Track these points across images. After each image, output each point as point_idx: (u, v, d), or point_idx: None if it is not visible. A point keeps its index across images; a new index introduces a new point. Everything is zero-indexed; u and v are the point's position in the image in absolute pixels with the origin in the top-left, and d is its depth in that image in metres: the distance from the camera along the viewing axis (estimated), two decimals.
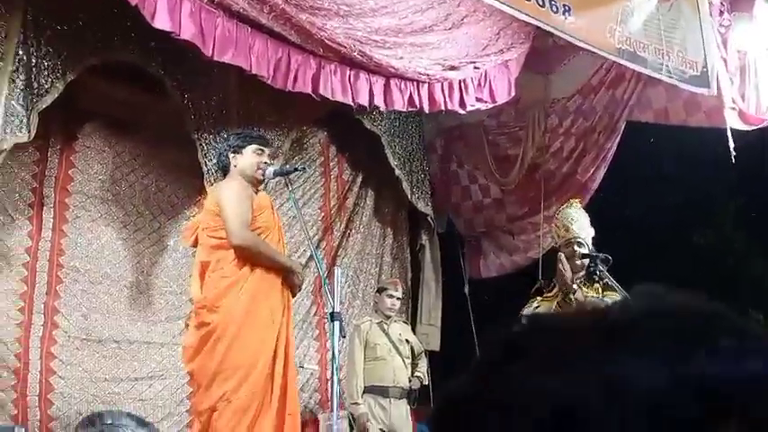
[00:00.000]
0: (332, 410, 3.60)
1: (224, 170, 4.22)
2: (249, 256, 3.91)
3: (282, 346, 3.86)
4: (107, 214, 5.91)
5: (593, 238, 5.15)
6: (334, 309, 3.75)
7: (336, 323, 3.69)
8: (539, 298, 5.01)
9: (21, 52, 4.84)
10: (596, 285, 5.01)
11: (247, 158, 4.11)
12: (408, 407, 5.85)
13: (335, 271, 4.23)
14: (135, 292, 5.93)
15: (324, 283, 4.14)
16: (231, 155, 4.13)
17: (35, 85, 4.96)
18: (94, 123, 5.92)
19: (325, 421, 3.68)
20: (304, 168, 4.71)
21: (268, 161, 4.21)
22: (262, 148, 4.18)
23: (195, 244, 4.26)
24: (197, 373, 3.74)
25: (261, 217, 4.02)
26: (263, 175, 4.13)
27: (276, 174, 4.24)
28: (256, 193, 4.15)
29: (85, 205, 5.82)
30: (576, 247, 5.01)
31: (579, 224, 5.12)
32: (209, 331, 3.78)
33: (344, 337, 3.98)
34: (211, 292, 3.85)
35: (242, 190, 3.98)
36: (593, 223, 5.20)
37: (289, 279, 4.03)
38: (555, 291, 4.94)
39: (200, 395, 3.70)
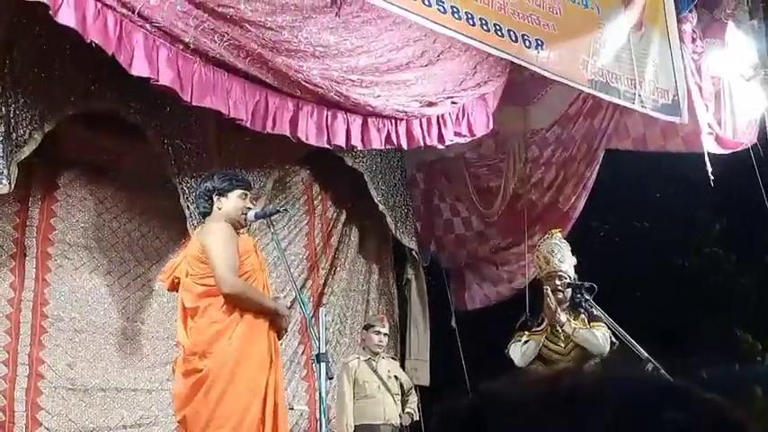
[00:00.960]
0: None
1: (205, 214, 4.19)
2: (239, 303, 3.89)
3: (272, 390, 3.84)
4: (90, 261, 5.88)
5: (576, 266, 5.19)
6: (319, 350, 3.74)
7: (323, 364, 3.67)
8: (527, 333, 5.02)
9: None
10: (582, 316, 5.04)
11: (232, 202, 4.09)
12: None
13: (320, 312, 4.22)
14: (121, 338, 5.88)
15: (309, 325, 4.12)
16: (216, 197, 4.10)
17: (14, 135, 4.96)
18: (75, 171, 5.91)
19: None
20: (286, 209, 4.70)
21: (250, 205, 4.21)
22: (245, 191, 4.19)
23: (172, 287, 4.23)
24: (189, 420, 3.70)
25: (247, 261, 4.01)
26: (246, 220, 4.13)
27: (258, 217, 4.23)
28: (238, 235, 4.15)
29: (68, 253, 5.79)
30: (557, 281, 5.04)
31: (560, 256, 5.15)
32: (200, 378, 3.75)
33: (331, 378, 3.96)
34: (200, 338, 3.82)
35: (228, 234, 3.97)
36: (576, 251, 5.24)
37: (276, 322, 4.01)
38: (543, 325, 4.96)
39: None
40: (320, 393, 3.69)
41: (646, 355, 4.65)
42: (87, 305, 5.79)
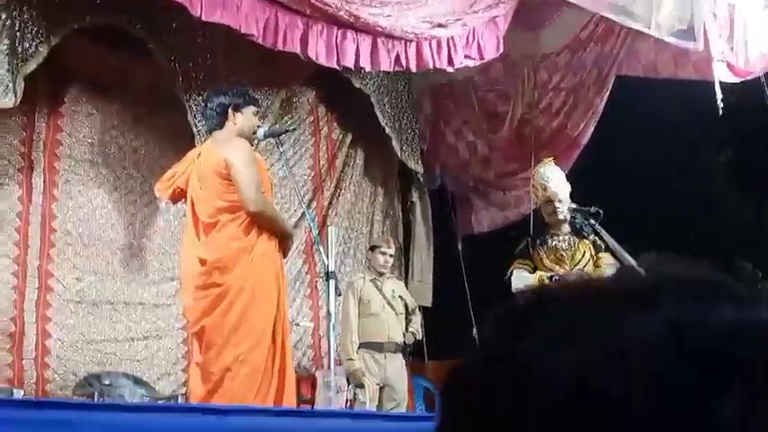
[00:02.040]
0: (329, 367, 3.66)
1: (214, 126, 4.11)
2: (261, 221, 3.91)
3: (282, 311, 3.91)
4: (97, 177, 5.91)
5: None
6: (328, 268, 3.79)
7: (332, 281, 3.73)
8: (528, 262, 5.06)
9: (4, 16, 4.80)
10: (586, 242, 5.07)
11: (247, 118, 4.05)
12: (403, 361, 5.94)
13: (329, 230, 4.26)
14: (128, 254, 5.96)
15: (316, 243, 4.16)
16: (231, 112, 4.04)
17: (19, 49, 4.92)
18: (81, 86, 5.89)
19: (322, 377, 3.73)
20: (294, 128, 4.67)
21: (260, 123, 4.19)
22: (258, 109, 4.17)
23: (173, 197, 4.22)
24: (208, 333, 3.74)
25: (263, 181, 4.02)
26: (256, 137, 4.11)
27: (266, 135, 4.22)
28: None
29: (75, 169, 5.82)
30: (557, 204, 5.06)
31: (555, 182, 5.17)
32: (221, 293, 3.78)
33: (339, 295, 4.02)
34: (221, 254, 3.84)
35: (251, 152, 3.95)
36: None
37: (284, 243, 4.05)
38: (544, 255, 5.01)
39: (213, 355, 3.71)
40: (329, 310, 3.76)
41: None
42: (94, 220, 5.84)
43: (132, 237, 5.99)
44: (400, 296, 6.05)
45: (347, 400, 3.64)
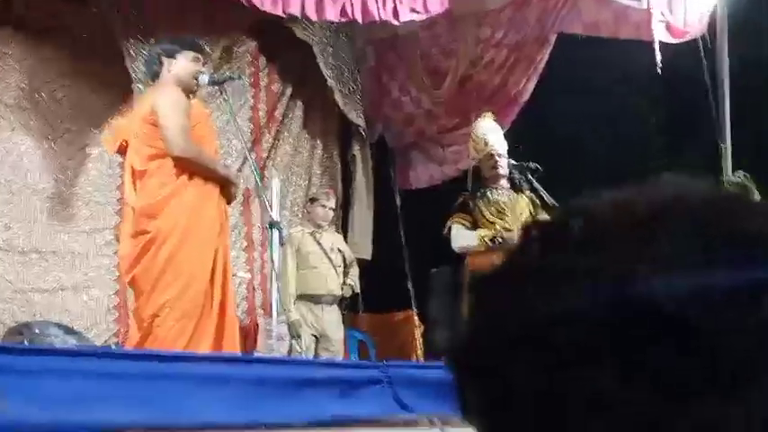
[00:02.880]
0: (271, 316, 3.65)
1: (154, 76, 4.06)
2: (189, 167, 3.84)
3: (221, 255, 3.86)
4: (27, 123, 5.72)
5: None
6: (272, 218, 3.76)
7: (275, 231, 3.70)
8: (466, 217, 5.09)
9: None
10: (525, 197, 5.14)
11: (182, 64, 3.97)
12: (340, 313, 5.97)
13: (273, 181, 4.20)
14: (58, 202, 5.80)
15: (261, 193, 4.11)
16: (165, 59, 3.97)
17: None
18: (13, 30, 5.66)
19: (264, 326, 3.72)
20: (240, 76, 4.57)
21: (202, 69, 4.09)
22: (198, 55, 4.07)
23: (120, 151, 4.14)
24: (138, 280, 3.70)
25: (198, 127, 3.94)
26: (198, 84, 4.02)
27: (211, 82, 4.12)
28: (190, 100, 4.05)
29: (4, 114, 5.62)
30: (497, 158, 5.11)
31: (495, 135, 5.21)
32: (150, 239, 3.73)
33: (283, 245, 3.99)
34: (150, 200, 3.79)
35: (179, 98, 3.87)
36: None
37: (226, 189, 4.00)
38: (486, 212, 5.05)
39: (143, 301, 3.68)
40: (272, 259, 3.73)
41: None
42: (23, 167, 5.67)
43: (63, 185, 5.83)
44: (339, 249, 6.06)
45: (291, 347, 3.66)
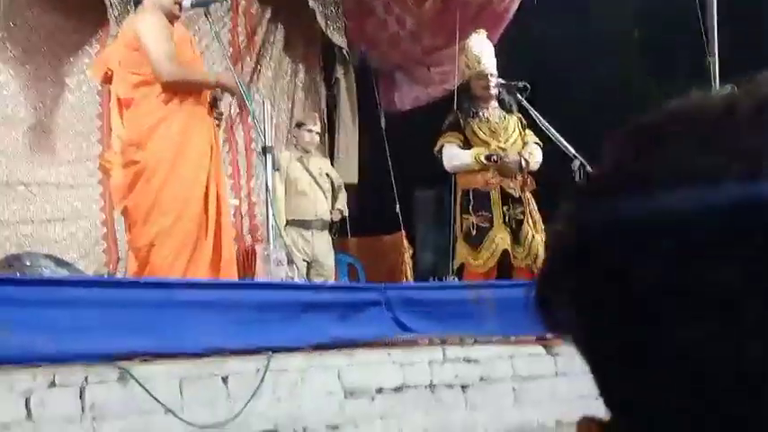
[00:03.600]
0: (269, 241, 3.65)
1: (136, 1, 3.94)
2: (179, 89, 3.77)
3: (214, 181, 3.83)
4: (3, 53, 5.54)
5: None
6: (265, 142, 3.71)
7: (269, 156, 3.66)
8: (456, 135, 5.07)
9: None
10: (514, 116, 5.11)
11: None
12: (330, 238, 5.98)
13: (265, 104, 4.13)
14: (38, 133, 5.68)
15: (253, 117, 4.05)
16: None
17: None
18: None
19: (263, 251, 3.73)
20: None
21: None
22: None
23: (106, 80, 4.06)
24: (131, 210, 3.67)
25: (182, 52, 3.84)
26: (180, 8, 3.90)
27: (194, 5, 4.00)
28: (173, 26, 3.94)
29: None
30: (489, 78, 5.07)
31: (488, 55, 5.15)
32: (140, 169, 3.69)
33: (277, 170, 3.95)
34: (138, 129, 3.72)
35: (161, 23, 3.76)
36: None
37: (219, 91, 3.93)
38: (478, 130, 5.03)
39: (137, 231, 3.65)
40: (266, 184, 3.70)
41: (573, 152, 4.81)
42: (1, 99, 5.52)
43: (43, 115, 5.71)
44: (327, 173, 6.03)
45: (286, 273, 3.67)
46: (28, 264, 5.05)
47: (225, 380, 2.68)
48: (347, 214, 6.20)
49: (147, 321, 2.78)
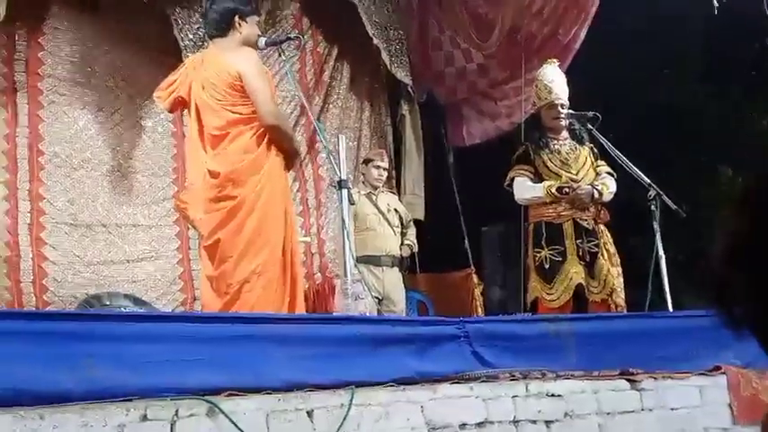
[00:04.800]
0: (346, 275, 3.66)
1: (217, 33, 3.97)
2: (276, 136, 3.84)
3: (290, 224, 3.89)
4: (81, 97, 5.76)
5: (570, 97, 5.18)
6: (341, 177, 3.75)
7: (344, 190, 3.69)
8: (526, 168, 5.04)
9: None
10: (586, 147, 5.07)
11: (252, 27, 3.94)
12: (400, 274, 5.97)
13: (339, 139, 4.18)
14: (117, 175, 5.85)
15: (328, 152, 4.10)
16: (238, 20, 3.92)
17: None
18: (63, 3, 5.68)
19: (340, 286, 3.74)
20: (298, 36, 4.51)
21: (259, 32, 4.06)
22: (260, 19, 4.05)
23: (174, 107, 4.10)
24: (225, 245, 3.69)
25: None
26: (257, 47, 3.99)
27: (268, 44, 4.09)
28: None
29: (59, 89, 5.65)
30: (560, 109, 5.04)
31: (559, 84, 5.13)
32: (236, 205, 3.72)
33: (353, 204, 3.98)
34: (234, 166, 3.76)
35: (262, 64, 3.85)
36: (572, 84, 5.22)
37: (291, 162, 4.00)
38: (549, 163, 5.00)
39: (231, 267, 3.67)
40: (342, 218, 3.73)
41: (648, 181, 4.74)
42: (81, 141, 5.71)
43: (120, 158, 5.88)
44: (395, 209, 6.06)
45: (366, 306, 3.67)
46: (107, 303, 5.19)
47: (310, 414, 2.68)
48: (416, 250, 6.19)
49: (231, 356, 2.80)
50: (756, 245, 0.48)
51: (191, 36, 5.67)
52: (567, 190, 4.83)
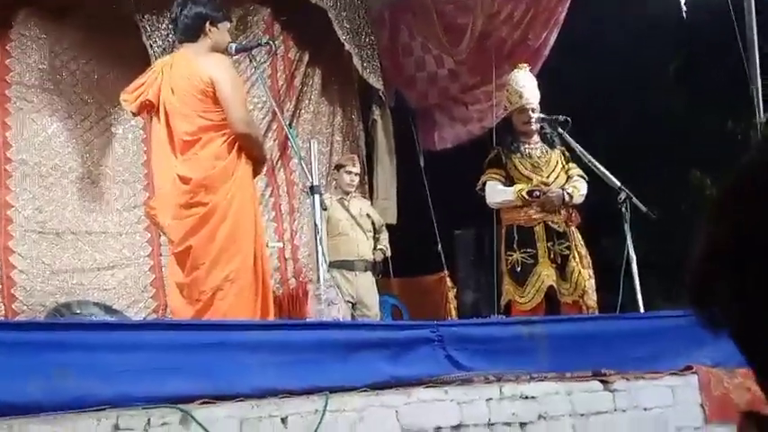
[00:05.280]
0: (319, 280, 3.65)
1: (188, 36, 3.94)
2: (246, 143, 3.83)
3: (258, 230, 3.87)
4: (50, 104, 5.70)
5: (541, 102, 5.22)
6: (312, 182, 3.74)
7: (316, 196, 3.69)
8: (496, 172, 5.07)
9: None
10: (557, 150, 5.10)
11: (222, 34, 3.93)
12: (373, 279, 5.97)
13: (311, 144, 4.17)
14: (87, 182, 5.79)
15: (299, 158, 4.09)
16: (208, 26, 3.90)
17: None
18: (30, 10, 5.64)
19: (313, 291, 3.74)
20: (268, 42, 4.48)
21: (229, 38, 4.04)
22: (230, 24, 4.03)
23: (141, 110, 4.05)
24: (197, 252, 3.66)
25: None
26: (228, 53, 3.97)
27: (238, 50, 4.08)
28: None
29: (27, 96, 5.59)
30: (530, 113, 5.08)
31: (530, 89, 5.17)
32: (207, 211, 3.70)
33: (325, 209, 3.97)
34: (206, 173, 3.74)
35: (235, 71, 3.83)
36: (543, 89, 5.26)
37: (258, 168, 4.00)
38: (520, 167, 5.03)
39: (203, 274, 3.65)
40: (315, 223, 3.72)
41: (618, 184, 4.78)
42: (50, 149, 5.65)
43: (90, 165, 5.82)
44: (367, 214, 6.06)
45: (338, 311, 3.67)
46: (78, 312, 5.13)
47: (284, 420, 2.67)
48: (389, 254, 6.20)
49: (205, 364, 2.78)
50: (738, 243, 0.49)
51: (159, 42, 5.64)
52: (537, 193, 4.87)
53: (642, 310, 4.55)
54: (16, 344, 2.47)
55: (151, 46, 5.61)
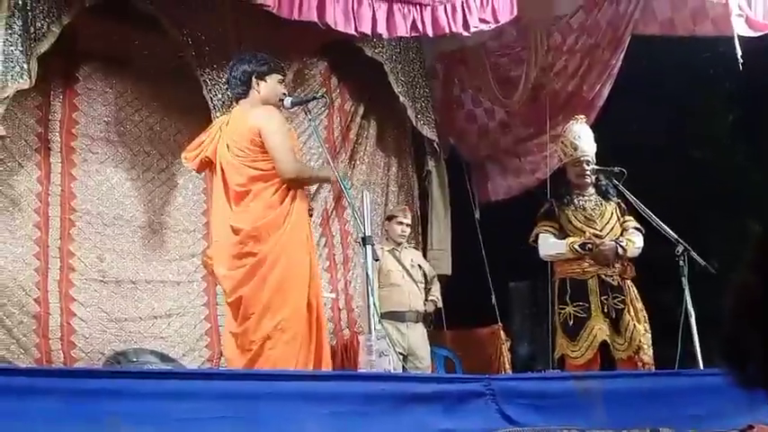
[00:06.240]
0: (370, 331, 3.66)
1: (240, 96, 4.10)
2: (297, 185, 3.91)
3: (314, 273, 3.90)
4: (114, 156, 5.88)
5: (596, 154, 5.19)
6: (365, 233, 3.78)
7: (368, 247, 3.71)
8: (551, 225, 5.04)
9: None
10: (612, 202, 5.06)
11: (272, 87, 4.03)
12: (425, 330, 5.95)
13: (363, 195, 4.23)
14: (148, 232, 5.93)
15: (353, 209, 4.13)
16: (255, 80, 4.03)
17: (32, 29, 4.90)
18: (95, 65, 5.86)
19: (365, 342, 3.74)
20: (323, 96, 4.60)
21: (285, 91, 4.15)
22: (282, 77, 4.14)
23: (201, 167, 4.20)
24: (248, 302, 3.71)
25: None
26: (283, 106, 4.08)
27: (294, 104, 4.18)
28: None
29: (92, 147, 5.79)
30: (585, 165, 5.06)
31: (586, 141, 5.15)
32: (257, 261, 3.75)
33: (377, 260, 3.99)
34: (255, 223, 3.80)
35: (282, 119, 3.93)
36: (598, 140, 5.24)
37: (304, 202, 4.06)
38: (573, 219, 5.00)
39: (254, 324, 3.69)
40: (367, 274, 3.74)
41: (675, 236, 4.70)
42: (113, 199, 5.82)
43: (152, 214, 5.97)
44: (419, 265, 6.06)
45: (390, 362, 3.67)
46: (134, 360, 5.21)
47: None
48: (441, 306, 6.17)
49: (256, 414, 2.79)
50: None
51: (219, 96, 5.79)
52: (589, 246, 4.82)
53: (702, 366, 4.44)
54: (72, 392, 2.52)
55: (211, 99, 5.75)
